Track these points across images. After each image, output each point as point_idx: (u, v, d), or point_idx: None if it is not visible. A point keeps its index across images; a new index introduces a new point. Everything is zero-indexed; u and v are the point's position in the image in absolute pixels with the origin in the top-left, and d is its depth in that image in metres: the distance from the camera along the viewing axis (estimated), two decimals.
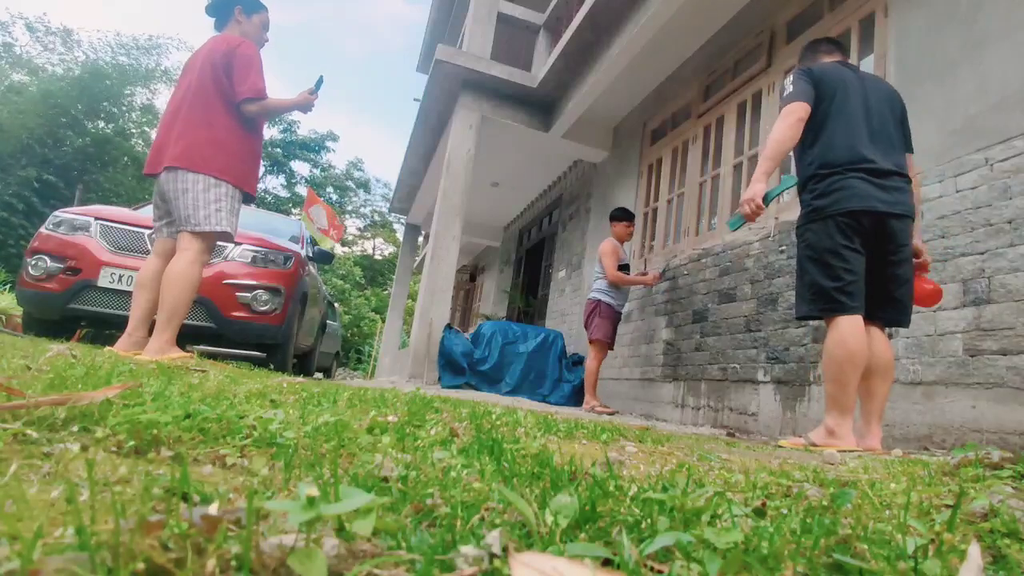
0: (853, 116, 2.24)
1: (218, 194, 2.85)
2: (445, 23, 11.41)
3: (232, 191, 2.91)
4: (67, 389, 1.05)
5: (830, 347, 2.15)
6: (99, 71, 17.85)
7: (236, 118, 2.92)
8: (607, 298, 4.75)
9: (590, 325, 4.79)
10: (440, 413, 1.60)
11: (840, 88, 2.29)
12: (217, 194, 2.84)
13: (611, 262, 4.73)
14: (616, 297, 4.78)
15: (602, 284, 4.79)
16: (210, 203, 2.82)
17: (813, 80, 2.33)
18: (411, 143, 8.69)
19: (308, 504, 0.44)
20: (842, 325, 2.13)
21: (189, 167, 2.80)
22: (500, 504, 0.64)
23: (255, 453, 0.82)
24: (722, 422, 3.83)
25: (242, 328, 4.03)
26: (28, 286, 3.78)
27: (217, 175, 2.84)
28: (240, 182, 2.94)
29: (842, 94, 2.28)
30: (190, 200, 2.80)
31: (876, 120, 2.26)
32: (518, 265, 10.49)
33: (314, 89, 3.16)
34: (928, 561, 0.55)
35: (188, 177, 2.80)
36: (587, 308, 4.88)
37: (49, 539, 0.42)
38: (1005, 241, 2.35)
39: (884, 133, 2.24)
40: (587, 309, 4.87)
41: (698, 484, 0.85)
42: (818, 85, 2.31)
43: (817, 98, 2.30)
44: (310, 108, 3.16)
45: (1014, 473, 1.17)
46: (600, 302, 4.75)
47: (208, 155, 2.83)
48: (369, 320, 24.99)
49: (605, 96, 5.96)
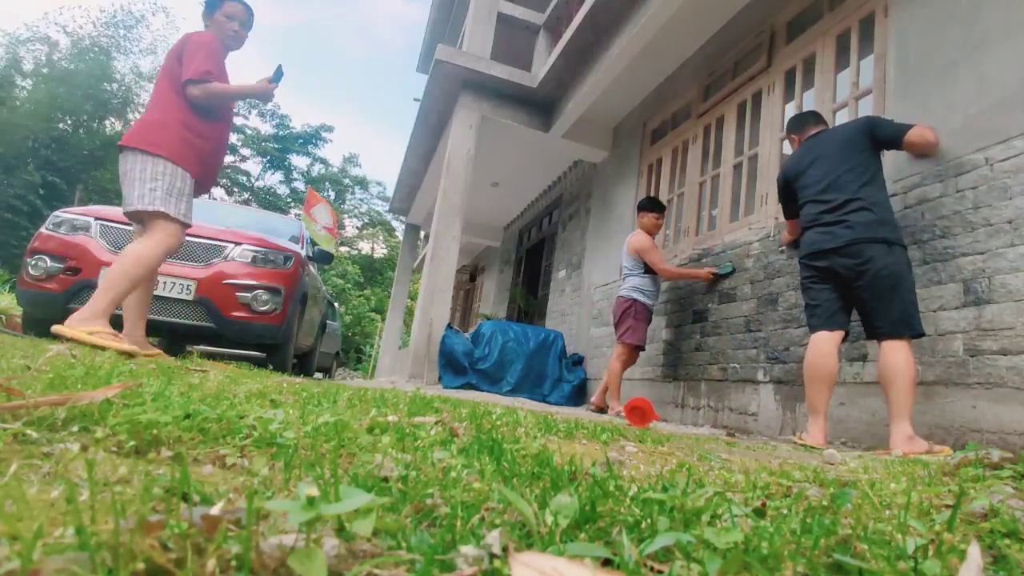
0: (810, 187, 2.76)
1: (155, 172, 2.76)
2: (445, 23, 11.41)
3: (173, 171, 2.81)
4: (67, 389, 1.05)
5: None
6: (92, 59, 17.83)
7: (191, 105, 2.88)
8: (644, 297, 4.38)
9: (622, 325, 4.40)
10: (440, 413, 1.60)
11: (801, 174, 2.82)
12: (153, 172, 2.76)
13: (658, 256, 4.38)
14: (652, 296, 4.43)
15: (638, 281, 4.40)
16: (145, 182, 2.75)
17: (785, 183, 2.94)
18: (411, 143, 8.69)
19: (308, 504, 0.44)
20: (811, 340, 2.64)
21: (129, 144, 2.77)
22: (500, 504, 0.64)
23: (255, 453, 0.82)
24: (722, 422, 3.83)
25: (242, 328, 4.03)
26: (28, 286, 3.78)
27: (154, 151, 2.76)
28: (185, 163, 2.84)
29: (803, 177, 2.81)
30: (128, 180, 2.76)
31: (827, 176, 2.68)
32: (518, 265, 10.49)
33: (273, 79, 3.12)
34: (928, 561, 0.55)
35: (129, 157, 2.77)
36: (620, 306, 4.45)
37: (49, 539, 0.42)
38: (1005, 241, 2.35)
39: (835, 184, 2.65)
40: (620, 307, 4.45)
41: (698, 484, 0.85)
42: (787, 185, 2.92)
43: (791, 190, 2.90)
44: (269, 98, 3.12)
45: (1014, 473, 1.17)
46: (636, 302, 4.36)
47: (151, 135, 2.79)
48: (369, 320, 25.00)
49: (605, 96, 5.96)
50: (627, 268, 4.54)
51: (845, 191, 2.59)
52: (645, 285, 4.41)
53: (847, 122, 2.84)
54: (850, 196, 2.56)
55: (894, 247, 2.46)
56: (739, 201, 4.29)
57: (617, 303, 4.52)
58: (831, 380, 2.54)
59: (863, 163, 2.61)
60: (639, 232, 4.49)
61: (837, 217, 2.57)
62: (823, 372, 2.53)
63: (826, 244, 2.58)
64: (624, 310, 4.41)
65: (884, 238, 2.46)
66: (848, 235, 2.52)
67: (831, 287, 2.61)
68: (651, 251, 4.36)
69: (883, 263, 2.43)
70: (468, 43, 7.01)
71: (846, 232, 2.53)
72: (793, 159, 2.90)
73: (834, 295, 2.60)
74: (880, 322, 2.42)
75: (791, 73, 3.98)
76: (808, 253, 2.68)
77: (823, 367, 2.53)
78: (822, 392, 2.54)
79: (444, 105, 7.15)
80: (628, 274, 4.52)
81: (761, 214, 3.93)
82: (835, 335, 2.57)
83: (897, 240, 2.48)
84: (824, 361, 2.54)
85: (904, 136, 2.63)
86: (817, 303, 2.64)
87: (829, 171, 2.67)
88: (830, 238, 2.57)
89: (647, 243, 4.38)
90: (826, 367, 2.53)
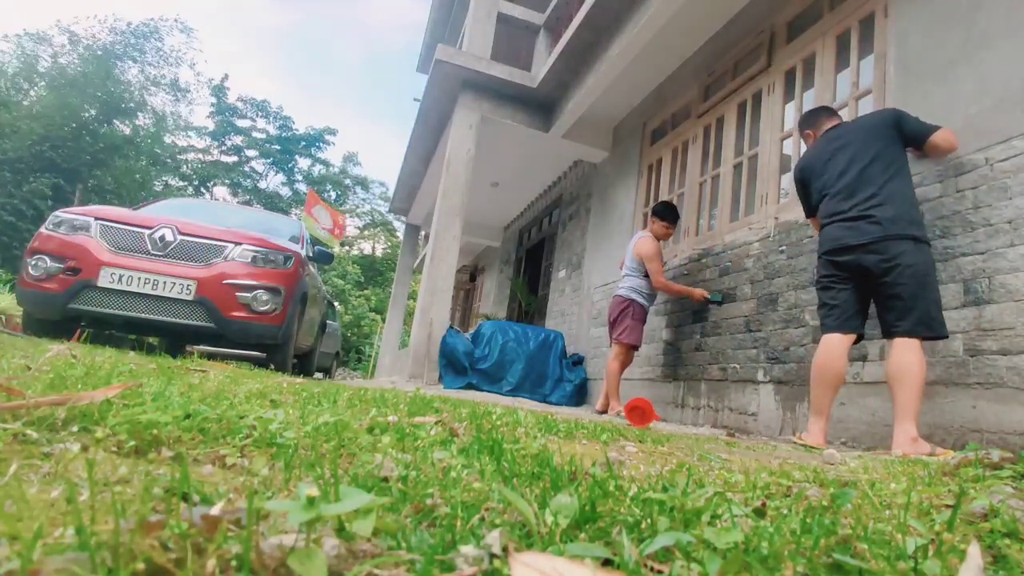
0: (831, 180, 2.63)
1: None
2: (445, 23, 11.41)
3: None
4: (67, 389, 1.05)
5: None
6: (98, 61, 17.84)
7: None
8: (641, 299, 4.40)
9: (619, 325, 4.41)
10: (440, 413, 1.60)
11: (821, 168, 2.69)
12: None
13: (659, 266, 4.36)
14: (649, 299, 4.45)
15: (637, 283, 4.42)
16: None
17: (802, 180, 2.81)
18: (411, 143, 8.69)
19: (308, 504, 0.44)
20: (823, 341, 2.56)
21: None
22: (500, 504, 0.64)
23: (255, 453, 0.82)
24: (722, 422, 3.83)
25: (242, 328, 4.03)
26: (28, 286, 3.78)
27: None
28: None
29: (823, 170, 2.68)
30: None
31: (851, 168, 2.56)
32: (518, 265, 10.49)
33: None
34: (928, 561, 0.55)
35: None
36: (617, 305, 4.47)
37: (49, 539, 0.42)
38: (1005, 241, 2.35)
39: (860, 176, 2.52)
40: (616, 306, 4.47)
41: (698, 484, 0.85)
42: (804, 183, 2.79)
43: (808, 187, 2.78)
44: None
45: (1014, 473, 1.17)
46: (633, 302, 4.39)
47: None
48: (369, 320, 25.00)
49: (605, 96, 5.96)
50: (628, 268, 4.53)
51: (871, 184, 2.46)
52: (644, 287, 4.41)
53: (870, 112, 2.74)
54: (875, 190, 2.44)
55: (921, 245, 2.36)
56: (739, 201, 4.29)
57: (614, 302, 4.52)
58: (839, 383, 2.49)
59: (890, 155, 2.49)
60: (649, 237, 4.43)
61: (861, 211, 2.44)
62: (831, 374, 2.47)
63: (851, 240, 2.44)
64: (622, 310, 4.41)
65: (912, 235, 2.35)
66: (875, 231, 2.38)
67: (852, 287, 2.49)
68: (654, 260, 4.34)
69: (911, 261, 2.32)
70: (468, 43, 7.01)
71: (873, 228, 2.39)
72: (811, 154, 2.77)
73: (854, 295, 2.49)
74: (901, 321, 2.32)
75: (791, 73, 3.98)
76: (831, 249, 2.52)
77: (832, 369, 2.47)
78: (828, 394, 2.49)
79: (444, 105, 7.15)
80: (628, 274, 4.50)
81: (761, 214, 3.93)
82: (848, 338, 2.49)
83: (924, 238, 2.38)
84: (834, 363, 2.47)
85: (930, 137, 2.53)
86: (835, 303, 2.52)
87: (853, 163, 2.54)
88: (856, 234, 2.43)
89: (652, 251, 4.35)
90: (835, 369, 2.47)
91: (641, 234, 4.53)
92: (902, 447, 2.18)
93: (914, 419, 2.23)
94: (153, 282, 3.79)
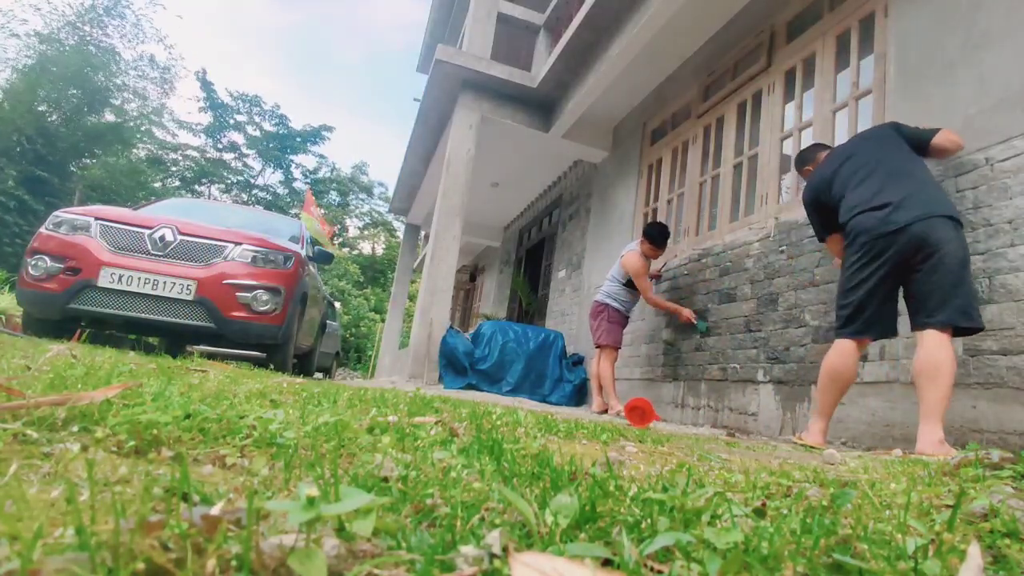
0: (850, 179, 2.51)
1: None
2: (445, 23, 11.41)
3: None
4: (67, 389, 1.05)
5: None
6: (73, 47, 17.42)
7: None
8: (616, 303, 4.62)
9: (598, 330, 4.64)
10: (440, 413, 1.60)
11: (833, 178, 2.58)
12: None
13: (647, 284, 4.56)
14: (625, 304, 4.66)
15: (614, 289, 4.64)
16: None
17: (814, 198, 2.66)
18: (411, 143, 8.69)
19: (308, 504, 0.44)
20: (837, 342, 2.46)
21: None
22: (500, 504, 0.64)
23: (255, 453, 0.82)
24: (722, 422, 3.83)
25: (242, 328, 4.03)
26: (28, 286, 3.78)
27: None
28: None
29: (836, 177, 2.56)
30: None
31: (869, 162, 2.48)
32: (518, 265, 10.49)
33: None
34: (928, 561, 0.55)
35: None
36: (594, 310, 4.72)
37: (49, 539, 0.42)
38: (1005, 241, 2.35)
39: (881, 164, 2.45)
40: (594, 311, 4.72)
41: (698, 484, 0.85)
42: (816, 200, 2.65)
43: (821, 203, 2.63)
44: None
45: (1014, 473, 1.17)
46: (608, 306, 4.62)
47: None
48: (369, 320, 24.99)
49: (605, 96, 5.96)
50: (611, 274, 4.76)
51: (896, 172, 2.37)
52: (620, 294, 4.66)
53: (866, 129, 2.73)
54: (903, 175, 2.35)
55: (960, 229, 2.24)
56: (739, 201, 4.30)
57: (592, 308, 4.78)
58: (848, 385, 2.43)
59: (904, 151, 2.46)
60: (637, 254, 4.55)
61: (891, 197, 2.30)
62: (843, 377, 2.41)
63: (884, 228, 2.28)
64: (598, 313, 4.68)
65: (949, 214, 2.22)
66: (913, 213, 2.23)
67: (885, 285, 2.32)
68: (641, 278, 4.55)
69: (953, 245, 2.19)
70: (468, 43, 7.01)
71: (907, 212, 2.24)
72: (817, 174, 2.67)
73: (884, 293, 2.33)
74: (939, 310, 2.16)
75: (791, 73, 3.98)
76: (866, 240, 2.33)
77: (844, 372, 2.40)
78: (836, 397, 2.44)
79: (444, 105, 7.15)
80: (608, 280, 4.74)
81: (761, 214, 3.93)
82: (863, 343, 2.41)
83: (959, 219, 2.26)
84: (847, 369, 2.40)
85: (932, 140, 2.48)
86: (863, 305, 2.35)
87: (870, 158, 2.47)
88: (892, 217, 2.27)
89: (640, 269, 4.51)
90: (847, 372, 2.40)
91: (631, 247, 4.69)
92: (929, 449, 2.03)
93: (942, 420, 2.09)
94: (153, 282, 3.79)
